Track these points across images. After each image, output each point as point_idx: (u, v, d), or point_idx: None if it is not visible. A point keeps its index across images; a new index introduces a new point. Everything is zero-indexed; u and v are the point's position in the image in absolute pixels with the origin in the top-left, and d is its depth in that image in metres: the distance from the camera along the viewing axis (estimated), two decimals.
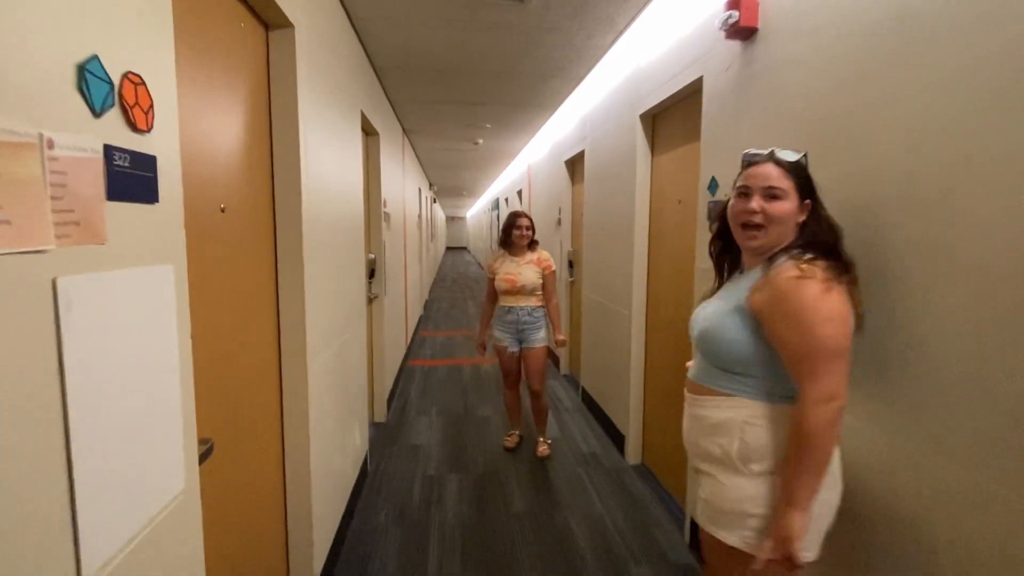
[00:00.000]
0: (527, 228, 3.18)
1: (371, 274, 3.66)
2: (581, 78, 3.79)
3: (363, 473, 2.94)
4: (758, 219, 1.22)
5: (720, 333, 1.21)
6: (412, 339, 6.34)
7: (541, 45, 3.14)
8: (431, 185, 11.38)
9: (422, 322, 7.89)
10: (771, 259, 1.21)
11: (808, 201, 1.22)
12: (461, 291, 11.95)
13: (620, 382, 3.37)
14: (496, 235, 12.48)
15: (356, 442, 2.79)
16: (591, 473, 3.14)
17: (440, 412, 4.14)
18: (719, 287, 1.41)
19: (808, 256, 1.16)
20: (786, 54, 1.67)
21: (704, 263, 2.13)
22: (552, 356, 5.56)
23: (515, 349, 3.23)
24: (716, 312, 1.25)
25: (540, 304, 3.21)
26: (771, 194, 1.21)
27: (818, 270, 1.11)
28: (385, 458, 3.31)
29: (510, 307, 3.20)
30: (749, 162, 1.31)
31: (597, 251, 3.88)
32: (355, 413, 2.75)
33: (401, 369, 5.06)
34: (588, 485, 3.02)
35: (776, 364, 1.16)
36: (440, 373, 5.25)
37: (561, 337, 3.25)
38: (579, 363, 4.66)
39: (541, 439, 3.37)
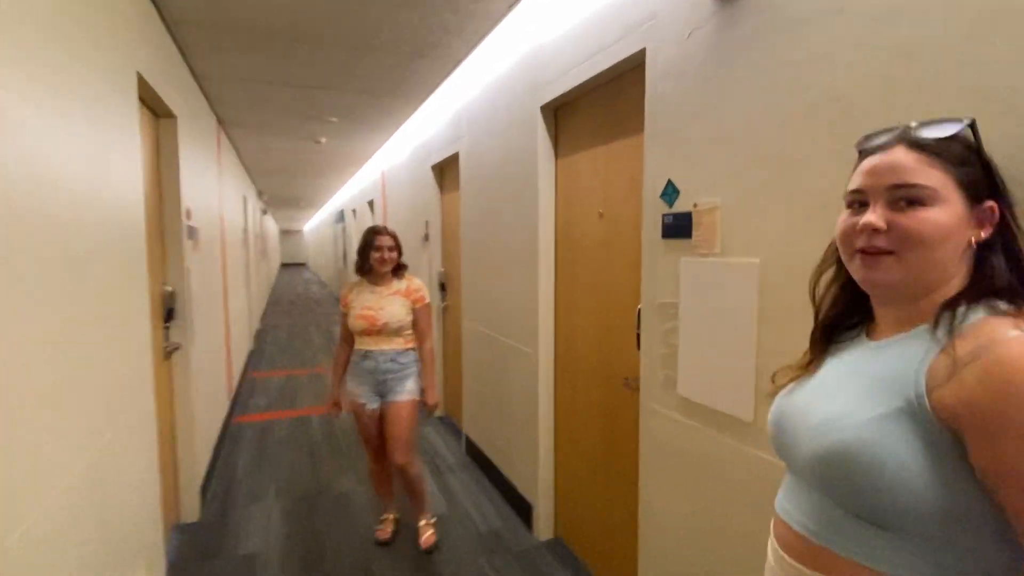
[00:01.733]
0: (390, 249, 2.42)
1: (168, 316, 2.54)
2: (459, 60, 3.08)
3: None
4: (881, 242, 0.66)
5: (872, 458, 0.62)
6: (239, 386, 5.04)
7: (411, 6, 2.38)
8: (260, 194, 9.77)
9: (252, 359, 6.49)
10: (944, 311, 0.64)
11: (991, 203, 0.67)
12: (302, 315, 10.44)
13: (524, 438, 2.70)
14: (343, 249, 11.15)
15: None
16: (495, 561, 2.43)
17: (282, 492, 3.09)
18: (812, 360, 0.81)
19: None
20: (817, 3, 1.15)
21: (664, 297, 1.55)
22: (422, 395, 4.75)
23: (375, 406, 2.44)
24: (852, 415, 0.65)
25: (408, 347, 2.46)
26: (906, 197, 0.66)
27: None
28: None
29: (367, 351, 2.41)
30: (865, 149, 0.73)
31: (483, 274, 3.19)
32: (133, 557, 1.69)
33: (224, 432, 3.85)
34: None
35: (976, 518, 0.60)
36: (280, 431, 4.12)
37: (434, 401, 2.51)
38: (458, 404, 3.91)
39: (423, 521, 2.57)
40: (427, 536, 2.52)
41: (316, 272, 19.70)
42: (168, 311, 2.54)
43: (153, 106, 2.43)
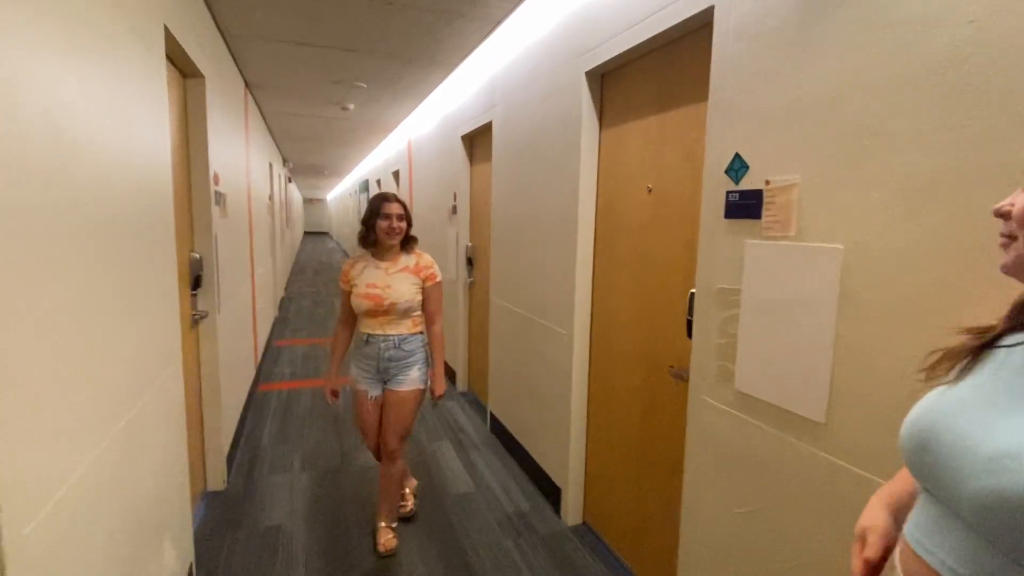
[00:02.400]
0: (399, 217, 2.17)
1: (195, 283, 2.49)
2: (498, 21, 2.91)
3: None
4: None
5: None
6: (264, 355, 5.05)
7: None
8: (285, 161, 9.72)
9: (277, 327, 6.51)
10: None
11: None
12: (325, 284, 10.47)
13: (554, 420, 2.62)
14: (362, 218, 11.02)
15: (167, 565, 1.71)
16: (522, 545, 2.37)
17: (306, 464, 3.08)
18: (971, 359, 0.66)
19: None
20: None
21: (723, 282, 1.42)
22: (447, 369, 4.71)
23: (377, 393, 2.24)
24: None
25: (416, 330, 2.25)
26: None
27: None
28: (225, 557, 2.22)
29: (370, 335, 2.19)
30: None
31: (514, 250, 3.08)
32: (159, 528, 1.66)
33: (249, 401, 3.85)
34: (520, 563, 2.24)
35: None
36: (303, 401, 4.12)
37: (441, 391, 2.29)
38: (484, 381, 3.85)
39: (384, 523, 2.30)
40: (387, 539, 2.27)
41: (339, 241, 19.76)
42: (196, 278, 2.49)
43: (180, 64, 2.33)
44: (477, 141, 3.93)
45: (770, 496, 1.36)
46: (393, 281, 2.18)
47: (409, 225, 2.24)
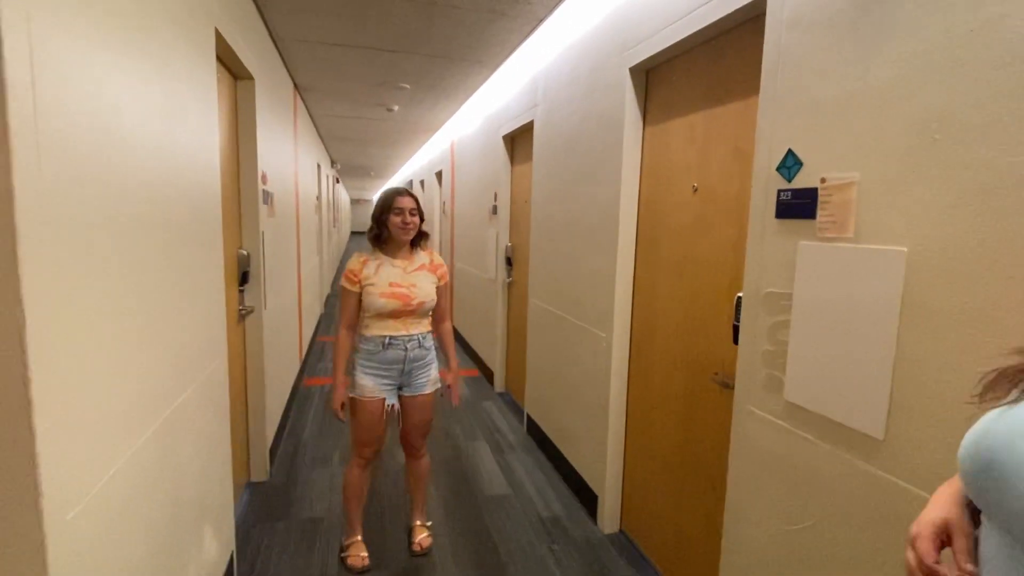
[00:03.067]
0: (412, 212, 2.07)
1: (242, 279, 2.57)
2: (540, 19, 2.88)
3: None
4: None
5: None
6: (308, 350, 5.18)
7: None
8: (333, 163, 9.97)
9: (322, 323, 6.68)
10: None
11: None
12: None
13: (592, 424, 2.57)
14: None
15: (208, 555, 1.76)
16: (557, 551, 2.33)
17: (345, 459, 3.13)
18: None
19: None
20: None
21: (773, 286, 1.35)
22: (485, 369, 4.71)
23: (393, 401, 2.10)
24: None
25: (430, 329, 2.20)
26: None
27: None
28: (265, 547, 2.28)
29: (392, 338, 2.06)
30: None
31: (553, 250, 3.04)
32: (201, 516, 1.71)
33: (293, 394, 3.95)
34: (554, 568, 2.20)
35: None
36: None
37: (459, 388, 2.24)
38: (521, 382, 3.83)
39: (419, 522, 2.32)
40: (423, 537, 2.27)
41: None
42: (243, 274, 2.56)
43: (231, 66, 2.41)
44: (518, 141, 3.91)
45: (820, 514, 1.27)
46: (416, 279, 2.10)
47: (422, 220, 2.13)
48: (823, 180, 1.25)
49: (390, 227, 2.06)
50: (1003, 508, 0.55)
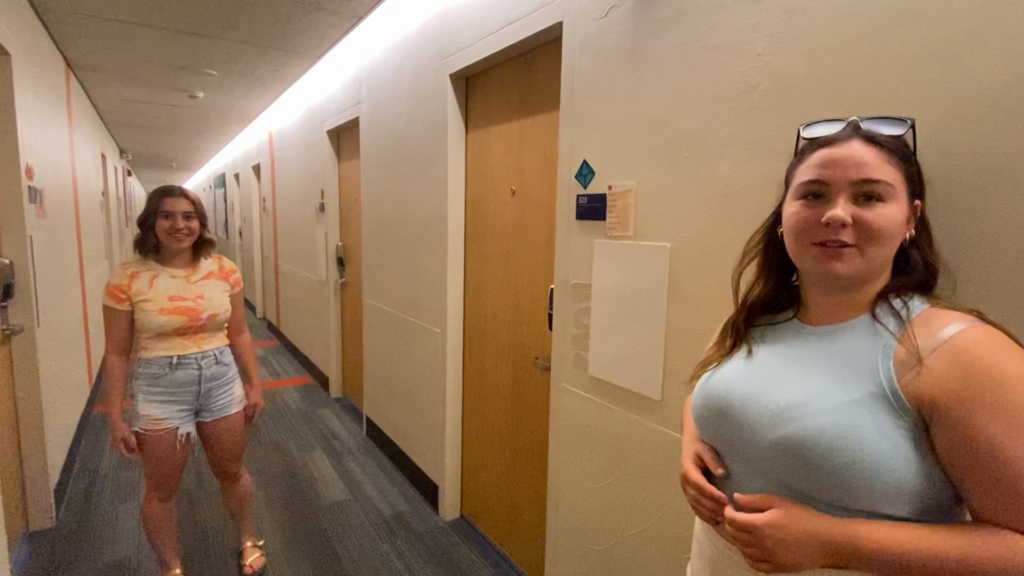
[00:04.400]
0: (186, 216, 1.80)
1: (5, 293, 2.15)
2: (360, 16, 2.84)
3: None
4: (846, 236, 0.68)
5: (850, 441, 0.63)
6: (100, 372, 4.45)
7: None
8: (122, 152, 8.60)
9: None
10: (884, 303, 0.70)
11: (918, 202, 0.72)
12: None
13: (430, 418, 2.64)
14: (224, 217, 10.08)
15: None
16: (399, 545, 2.37)
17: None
18: (734, 343, 0.83)
19: (942, 300, 0.70)
20: None
21: (577, 278, 1.56)
22: (319, 376, 4.52)
23: (188, 429, 1.86)
24: (822, 399, 0.66)
25: (227, 343, 2.00)
26: (868, 193, 0.68)
27: (995, 326, 0.64)
28: None
29: (180, 357, 1.82)
30: (817, 139, 0.74)
31: (386, 250, 3.04)
32: None
33: (83, 424, 3.38)
34: (398, 564, 2.24)
35: (943, 501, 0.64)
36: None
37: (262, 404, 2.08)
38: (359, 385, 3.76)
39: (250, 542, 2.20)
40: (255, 558, 2.15)
41: None
42: (6, 287, 2.15)
43: None
44: (344, 136, 3.81)
45: (621, 469, 1.51)
46: (204, 290, 1.86)
47: (203, 225, 1.88)
48: (610, 187, 1.48)
49: (158, 234, 1.79)
50: (738, 444, 0.75)
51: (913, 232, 0.71)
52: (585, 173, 1.57)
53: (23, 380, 2.31)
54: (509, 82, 2.06)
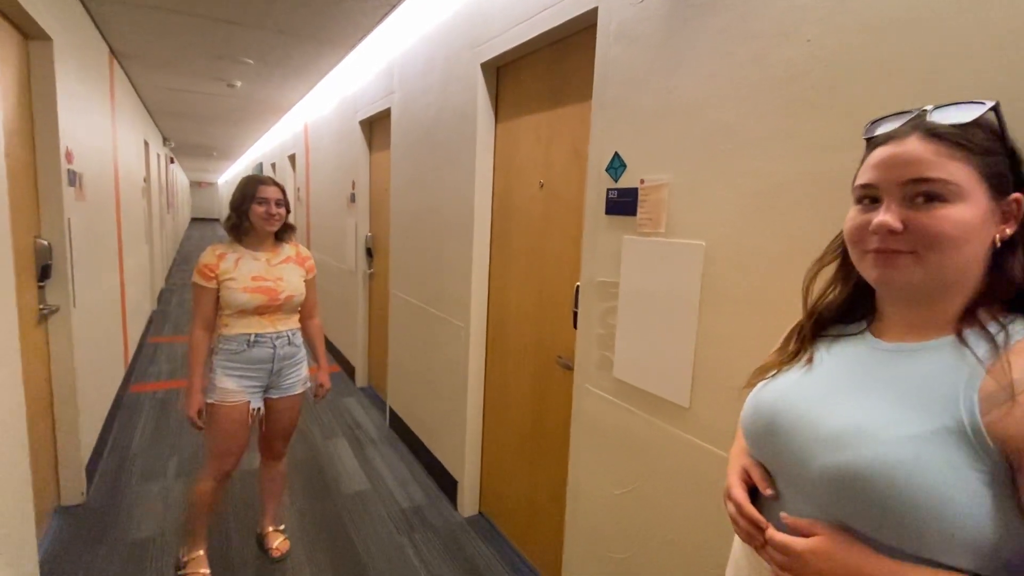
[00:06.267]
0: (278, 203, 1.94)
1: (43, 274, 2.20)
2: (393, 5, 2.82)
3: None
4: (898, 244, 0.60)
5: (914, 480, 0.54)
6: (136, 353, 4.59)
7: None
8: (166, 140, 8.86)
9: (153, 322, 5.95)
10: (976, 323, 0.60)
11: (1016, 196, 0.61)
12: None
13: (451, 412, 2.62)
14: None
15: None
16: (416, 538, 2.35)
17: (182, 470, 2.84)
18: (797, 351, 0.76)
19: None
20: None
21: (604, 275, 1.49)
22: (346, 364, 4.55)
23: (258, 405, 1.96)
24: (886, 428, 0.58)
25: (299, 326, 2.10)
26: (924, 193, 0.59)
27: None
28: None
29: (258, 336, 1.92)
30: (875, 137, 0.66)
31: (413, 242, 3.02)
32: None
33: (117, 404, 3.48)
34: (413, 558, 2.22)
35: (1012, 554, 0.55)
36: (182, 401, 3.79)
37: (328, 384, 2.18)
38: (383, 375, 3.76)
39: (271, 528, 2.23)
40: (280, 541, 2.20)
41: None
42: (43, 268, 2.20)
43: (18, 22, 2.04)
44: (376, 127, 3.81)
45: (643, 477, 1.44)
46: (283, 272, 1.97)
47: (288, 211, 2.01)
48: (642, 181, 1.41)
49: (252, 218, 1.91)
50: (787, 465, 0.68)
51: (1009, 232, 0.60)
52: (616, 166, 1.50)
53: (58, 359, 2.37)
54: (540, 72, 1.99)
